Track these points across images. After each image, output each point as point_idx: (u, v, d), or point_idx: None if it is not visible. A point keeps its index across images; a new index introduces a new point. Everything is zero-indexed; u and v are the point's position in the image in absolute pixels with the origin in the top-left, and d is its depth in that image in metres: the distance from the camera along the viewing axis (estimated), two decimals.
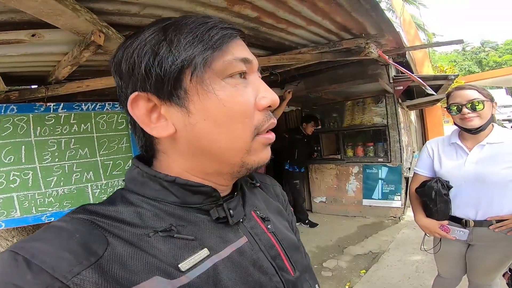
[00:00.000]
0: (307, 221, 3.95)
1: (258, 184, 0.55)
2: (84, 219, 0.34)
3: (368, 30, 2.03)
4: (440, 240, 1.50)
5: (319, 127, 4.20)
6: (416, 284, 2.32)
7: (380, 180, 3.94)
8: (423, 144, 6.08)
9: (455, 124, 1.42)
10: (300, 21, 1.76)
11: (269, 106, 0.41)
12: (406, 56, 3.74)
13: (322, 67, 3.30)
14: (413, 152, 5.14)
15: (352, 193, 4.20)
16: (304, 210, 4.10)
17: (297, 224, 3.25)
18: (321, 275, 2.70)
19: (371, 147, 4.09)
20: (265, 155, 0.42)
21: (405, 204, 3.85)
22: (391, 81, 3.65)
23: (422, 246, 1.59)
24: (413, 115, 6.05)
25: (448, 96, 1.42)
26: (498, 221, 1.31)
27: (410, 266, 2.60)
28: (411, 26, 7.52)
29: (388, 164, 3.88)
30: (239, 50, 0.40)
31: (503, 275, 1.12)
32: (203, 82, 0.37)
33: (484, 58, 35.04)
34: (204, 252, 0.37)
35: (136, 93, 0.38)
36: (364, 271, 2.68)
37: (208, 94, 0.37)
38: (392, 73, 3.71)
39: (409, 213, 3.74)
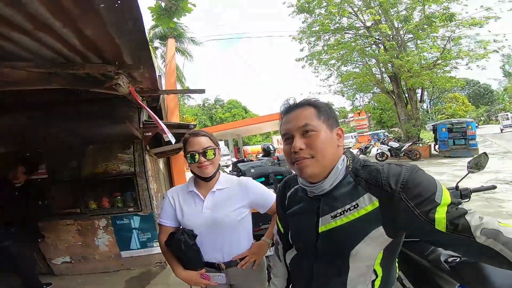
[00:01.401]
0: None
1: None
2: None
3: (124, 57, 1.76)
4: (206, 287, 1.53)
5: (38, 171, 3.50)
6: None
7: (134, 230, 3.84)
8: None
9: (191, 171, 1.51)
10: (24, 20, 1.23)
11: None
12: (161, 103, 3.95)
13: (58, 98, 2.64)
14: (163, 197, 5.42)
15: (105, 247, 3.83)
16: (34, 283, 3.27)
17: None
18: None
19: (119, 197, 3.85)
20: None
21: None
22: (141, 126, 3.69)
23: None
24: (161, 162, 6.49)
25: (185, 142, 1.48)
26: (241, 259, 1.49)
27: None
28: (173, 74, 8.40)
29: (139, 213, 3.82)
30: None
31: None
32: None
33: (214, 114, 46.91)
34: None
35: None
36: None
37: None
38: (144, 118, 3.78)
39: None
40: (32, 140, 3.36)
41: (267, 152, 6.46)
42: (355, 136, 31.48)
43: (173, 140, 3.19)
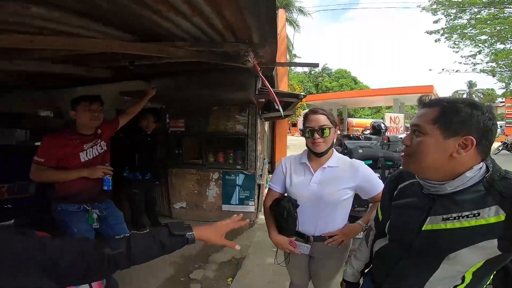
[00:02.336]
0: None
1: None
2: None
3: (252, 37, 2.01)
4: (289, 253, 1.69)
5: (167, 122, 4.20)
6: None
7: (237, 187, 4.34)
8: (272, 152, 7.08)
9: (306, 145, 1.62)
10: (186, 7, 1.53)
11: None
12: (273, 71, 4.27)
13: (194, 68, 3.27)
14: (264, 159, 5.98)
15: (212, 198, 4.42)
16: (140, 224, 3.83)
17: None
18: None
19: (232, 154, 4.40)
20: None
21: (257, 209, 4.40)
22: (257, 92, 4.11)
23: (275, 261, 1.82)
24: (266, 125, 7.01)
25: (305, 117, 1.59)
26: (330, 237, 1.58)
27: (268, 270, 2.97)
28: (283, 43, 8.74)
29: (244, 172, 4.30)
30: None
31: (341, 285, 1.39)
32: None
33: (320, 82, 45.69)
34: None
35: None
36: (231, 279, 2.85)
37: None
38: (259, 85, 4.18)
39: (262, 217, 4.29)
40: (176, 100, 4.15)
41: (377, 131, 6.04)
42: (501, 126, 25.22)
43: (281, 111, 3.48)
